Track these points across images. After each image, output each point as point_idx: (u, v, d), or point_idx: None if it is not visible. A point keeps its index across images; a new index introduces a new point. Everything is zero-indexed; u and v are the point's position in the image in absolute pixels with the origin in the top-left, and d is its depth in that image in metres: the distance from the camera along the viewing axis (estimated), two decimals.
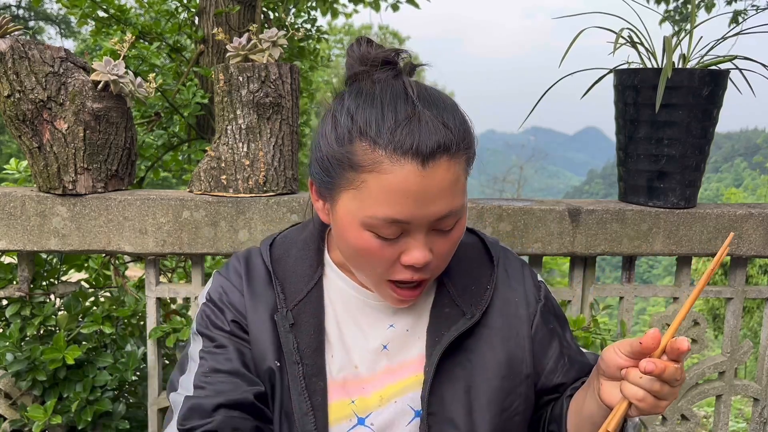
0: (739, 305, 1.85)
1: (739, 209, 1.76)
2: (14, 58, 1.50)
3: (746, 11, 6.17)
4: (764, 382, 1.88)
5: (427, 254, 0.88)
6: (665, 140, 1.68)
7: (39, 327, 1.71)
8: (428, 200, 0.84)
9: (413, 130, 0.83)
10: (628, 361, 0.80)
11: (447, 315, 1.00)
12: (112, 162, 1.65)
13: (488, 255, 1.09)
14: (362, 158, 0.84)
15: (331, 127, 0.89)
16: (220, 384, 0.92)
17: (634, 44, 1.70)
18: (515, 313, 1.03)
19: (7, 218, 1.60)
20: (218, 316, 0.99)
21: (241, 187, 1.65)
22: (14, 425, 1.72)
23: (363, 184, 0.85)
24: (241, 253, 1.09)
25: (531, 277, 1.10)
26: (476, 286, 1.04)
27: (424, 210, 0.85)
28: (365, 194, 0.85)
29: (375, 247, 0.88)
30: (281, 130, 1.66)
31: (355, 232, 0.88)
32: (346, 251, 0.93)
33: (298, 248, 1.06)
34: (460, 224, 0.92)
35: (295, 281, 1.01)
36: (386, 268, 0.90)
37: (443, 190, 0.85)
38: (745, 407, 5.69)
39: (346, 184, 0.87)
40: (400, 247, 0.88)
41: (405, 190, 0.83)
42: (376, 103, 0.86)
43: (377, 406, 0.96)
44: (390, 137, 0.83)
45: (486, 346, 0.99)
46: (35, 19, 21.03)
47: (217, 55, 3.26)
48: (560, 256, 1.80)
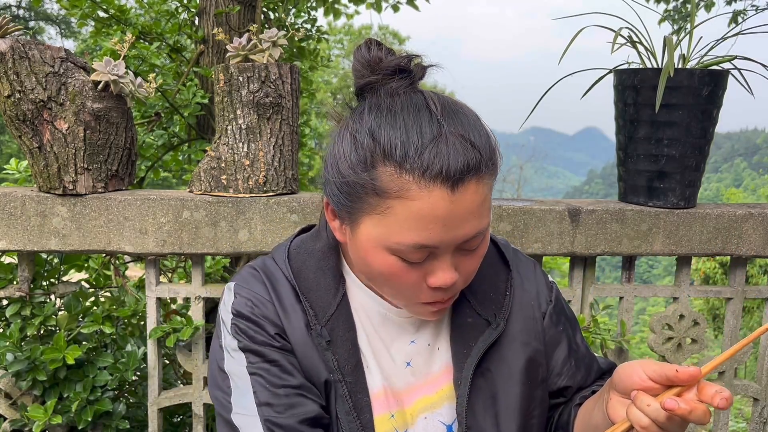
0: (739, 305, 1.85)
1: (739, 209, 1.76)
2: (14, 58, 1.50)
3: (746, 11, 6.17)
4: (764, 382, 1.88)
5: (454, 275, 0.85)
6: (665, 140, 1.68)
7: (39, 327, 1.71)
8: (457, 224, 0.81)
9: (441, 152, 0.78)
10: (646, 383, 0.77)
11: (470, 326, 0.98)
12: (113, 162, 1.65)
13: (501, 258, 1.06)
14: (388, 184, 0.80)
15: (350, 148, 0.83)
16: (286, 398, 0.89)
17: (634, 44, 1.70)
18: (531, 316, 1.02)
19: (8, 218, 1.60)
20: (257, 330, 0.93)
21: (241, 187, 1.65)
22: (14, 425, 1.72)
23: (389, 210, 0.81)
24: (257, 264, 1.01)
25: (543, 277, 1.08)
26: (495, 293, 1.01)
27: (452, 234, 0.82)
28: (391, 220, 0.81)
29: (401, 271, 0.85)
30: (281, 130, 1.66)
31: (379, 258, 0.85)
32: (370, 274, 0.90)
33: (317, 259, 0.99)
34: (485, 241, 0.89)
35: (321, 295, 0.96)
36: (413, 291, 0.88)
37: (472, 213, 0.82)
38: (745, 407, 5.70)
39: (369, 209, 0.83)
40: (426, 269, 0.85)
41: (434, 216, 0.80)
42: (398, 123, 0.81)
43: (410, 422, 0.95)
44: (417, 161, 0.78)
45: (508, 353, 0.98)
46: (35, 19, 21.03)
47: (217, 55, 3.26)
48: (560, 256, 1.80)
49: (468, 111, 0.86)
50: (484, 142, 0.83)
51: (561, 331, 1.04)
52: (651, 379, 0.77)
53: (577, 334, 1.07)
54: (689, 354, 1.86)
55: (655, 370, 0.77)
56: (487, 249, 0.91)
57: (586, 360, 1.05)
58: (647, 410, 0.74)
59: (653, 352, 1.85)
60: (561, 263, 6.03)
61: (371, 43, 0.88)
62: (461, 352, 0.95)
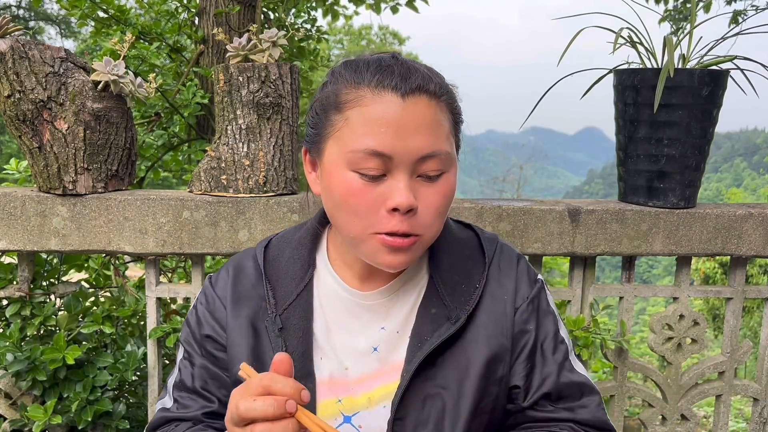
0: (739, 305, 1.85)
1: (739, 209, 1.76)
2: (14, 58, 1.50)
3: (746, 11, 6.17)
4: (764, 382, 1.88)
5: (411, 197, 0.87)
6: (665, 140, 1.68)
7: (39, 327, 1.71)
8: (408, 132, 0.86)
9: (396, 71, 0.89)
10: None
11: (433, 317, 0.98)
12: (112, 162, 1.65)
13: (481, 250, 1.06)
14: (346, 96, 0.90)
15: (320, 87, 0.96)
16: (183, 400, 1.03)
17: (634, 44, 1.71)
18: (503, 311, 1.00)
19: (7, 218, 1.60)
20: (195, 329, 1.05)
21: (241, 187, 1.65)
22: (14, 425, 1.72)
23: (346, 122, 0.89)
24: (236, 257, 1.10)
25: (526, 273, 1.06)
26: (466, 285, 1.01)
27: (404, 142, 0.86)
28: (348, 131, 0.89)
29: (358, 189, 0.88)
30: (281, 130, 1.66)
31: (339, 176, 0.90)
32: (333, 207, 0.93)
33: (292, 248, 1.06)
34: (447, 179, 0.92)
35: (286, 283, 1.02)
36: (371, 216, 0.89)
37: (424, 126, 0.88)
38: (745, 407, 5.70)
39: (332, 130, 0.91)
40: (384, 193, 0.88)
41: (386, 120, 0.86)
42: (362, 59, 0.93)
43: (365, 406, 0.96)
44: (372, 76, 0.89)
45: (469, 345, 0.97)
46: (35, 19, 21.03)
47: (217, 55, 3.26)
48: (560, 256, 1.80)
49: (435, 69, 0.97)
50: (439, 79, 0.92)
51: (530, 329, 1.00)
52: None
53: (549, 339, 1.01)
54: (689, 354, 1.86)
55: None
56: (451, 192, 0.94)
57: (547, 368, 0.99)
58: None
59: (653, 352, 1.85)
60: (561, 263, 6.03)
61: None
62: (416, 345, 0.96)
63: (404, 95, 0.87)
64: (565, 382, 0.99)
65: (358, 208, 0.89)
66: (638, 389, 1.86)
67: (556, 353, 1.01)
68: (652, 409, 1.86)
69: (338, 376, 0.97)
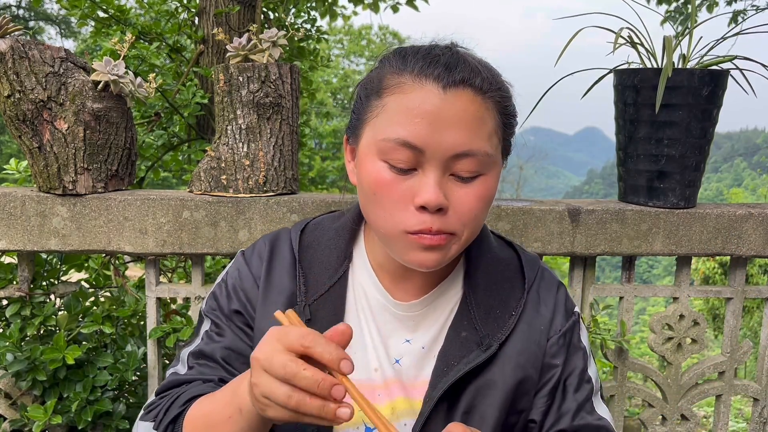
0: (738, 305, 1.85)
1: (739, 209, 1.76)
2: (14, 58, 1.50)
3: (746, 11, 6.17)
4: (764, 382, 1.88)
5: (440, 196, 0.82)
6: (665, 140, 1.68)
7: (39, 327, 1.71)
8: (445, 126, 0.81)
9: (442, 59, 0.84)
10: None
11: (463, 341, 0.93)
12: (112, 162, 1.65)
13: (522, 275, 1.00)
14: (388, 81, 0.85)
15: (371, 71, 0.92)
16: (201, 367, 0.98)
17: (634, 44, 1.70)
18: (537, 341, 0.95)
19: (7, 218, 1.60)
20: (224, 302, 1.01)
21: (241, 187, 1.65)
22: (14, 425, 1.72)
23: (384, 108, 0.85)
24: (270, 235, 1.06)
25: (564, 304, 1.01)
26: (501, 310, 0.95)
27: (438, 136, 0.81)
28: (384, 117, 0.84)
29: (387, 180, 0.83)
30: (281, 130, 1.66)
31: (369, 165, 0.85)
32: (365, 199, 0.89)
33: (329, 237, 1.01)
34: (485, 182, 0.86)
35: (319, 273, 0.98)
36: (400, 211, 0.84)
37: (463, 121, 0.82)
38: (745, 407, 5.70)
39: (370, 116, 0.87)
40: (413, 188, 0.83)
41: (422, 111, 0.81)
42: (413, 46, 0.89)
43: (388, 417, 0.91)
44: (416, 63, 0.84)
45: (498, 372, 0.93)
46: (35, 19, 21.03)
47: (217, 55, 3.26)
48: (560, 256, 1.80)
49: (490, 65, 0.91)
50: (492, 74, 0.87)
51: (557, 364, 0.96)
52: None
53: (574, 376, 0.97)
54: (689, 354, 1.86)
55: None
56: (489, 196, 0.87)
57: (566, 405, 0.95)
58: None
59: (653, 352, 1.85)
60: (561, 263, 6.03)
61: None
62: (441, 369, 0.92)
63: (446, 87, 0.81)
64: (581, 424, 0.94)
65: (384, 202, 0.85)
66: (638, 389, 1.86)
67: (578, 392, 0.96)
68: (652, 409, 1.86)
69: (364, 379, 0.93)
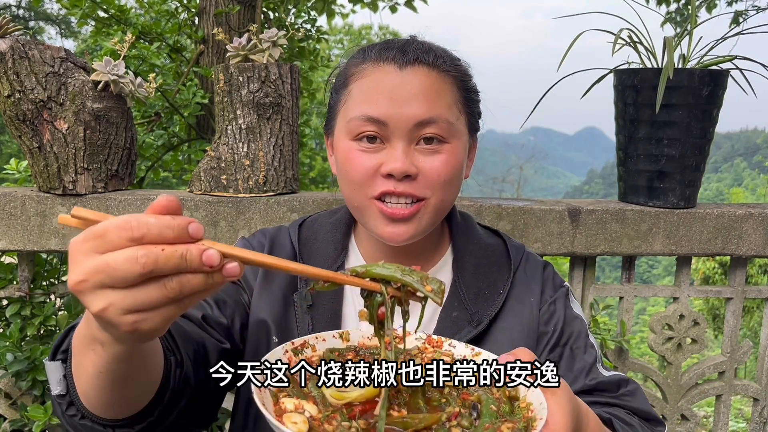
0: (739, 305, 1.85)
1: (739, 209, 1.76)
2: (14, 58, 1.50)
3: (747, 12, 6.16)
4: (764, 382, 1.88)
5: (406, 163, 0.89)
6: (665, 140, 1.68)
7: (39, 327, 1.70)
8: (404, 99, 0.89)
9: (400, 45, 0.93)
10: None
11: (454, 320, 0.97)
12: (112, 162, 1.65)
13: (509, 259, 1.06)
14: (351, 69, 0.94)
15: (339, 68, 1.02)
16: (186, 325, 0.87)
17: (634, 44, 1.70)
18: (529, 314, 1.00)
19: (7, 218, 1.60)
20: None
21: (241, 187, 1.65)
22: (14, 425, 1.72)
23: (349, 95, 0.93)
24: (269, 229, 1.10)
25: (552, 278, 1.06)
26: (490, 291, 1.01)
27: (399, 109, 0.88)
28: (350, 103, 0.93)
29: (356, 156, 0.91)
30: (281, 130, 1.66)
31: (342, 146, 0.94)
32: (341, 181, 0.96)
33: (326, 231, 1.07)
34: (452, 150, 0.92)
35: (318, 264, 0.99)
36: (368, 179, 0.91)
37: (421, 93, 0.89)
38: (745, 407, 5.69)
39: (340, 106, 0.95)
40: (381, 160, 0.91)
41: (381, 88, 0.89)
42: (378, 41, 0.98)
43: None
44: (374, 51, 0.94)
45: (491, 347, 0.94)
46: (35, 19, 21.03)
47: (217, 55, 3.26)
48: (560, 256, 1.80)
49: (446, 49, 1.00)
50: (448, 55, 0.96)
51: (548, 330, 1.00)
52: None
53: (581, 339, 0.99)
54: (689, 354, 1.85)
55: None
56: (456, 162, 0.94)
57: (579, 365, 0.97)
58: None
59: (653, 352, 1.85)
60: (561, 263, 6.03)
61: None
62: None
63: (402, 65, 0.91)
64: (600, 380, 0.97)
65: (354, 175, 0.92)
66: None
67: (586, 354, 0.99)
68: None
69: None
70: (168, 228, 0.53)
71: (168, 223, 0.53)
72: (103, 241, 0.53)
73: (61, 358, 0.76)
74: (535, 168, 52.80)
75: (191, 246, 0.54)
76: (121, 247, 0.53)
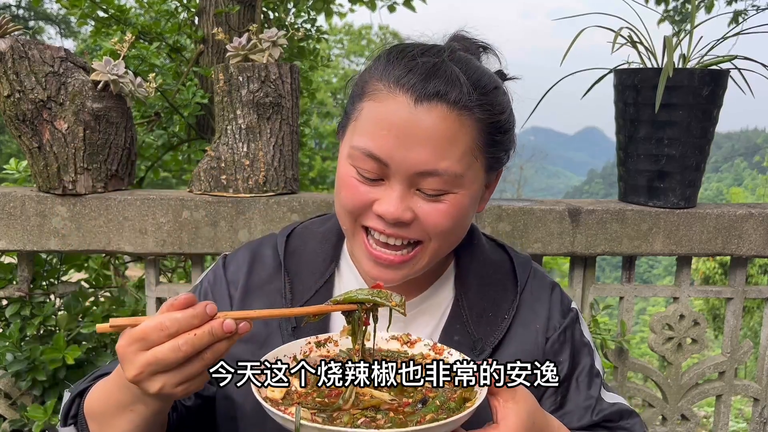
0: (739, 305, 1.85)
1: (739, 209, 1.76)
2: (14, 58, 1.50)
3: (746, 11, 6.16)
4: (764, 382, 1.88)
5: (400, 209, 0.81)
6: (665, 140, 1.68)
7: (39, 327, 1.70)
8: (410, 142, 0.79)
9: (423, 69, 0.80)
10: None
11: (456, 345, 0.91)
12: (112, 162, 1.65)
13: (513, 275, 0.99)
14: (368, 85, 0.84)
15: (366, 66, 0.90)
16: None
17: (634, 44, 1.70)
18: (534, 341, 0.94)
19: (7, 218, 1.60)
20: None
21: (241, 187, 1.65)
22: (14, 425, 1.72)
23: (361, 112, 0.84)
24: (255, 242, 1.05)
25: (560, 301, 1.00)
26: (494, 312, 0.95)
27: (403, 152, 0.79)
28: (359, 123, 0.84)
29: (353, 184, 0.84)
30: (281, 130, 1.66)
31: (342, 165, 0.87)
32: (335, 197, 0.90)
33: (317, 241, 1.01)
34: (454, 200, 0.83)
35: (305, 277, 0.97)
36: (359, 208, 0.85)
37: (431, 139, 0.79)
38: (745, 407, 5.69)
39: (352, 117, 0.86)
40: (376, 195, 0.83)
41: (389, 123, 0.79)
42: (408, 48, 0.85)
43: None
44: (395, 71, 0.81)
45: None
46: (35, 19, 21.02)
47: (217, 55, 3.26)
48: (560, 256, 1.80)
49: (490, 75, 0.87)
50: (481, 86, 0.82)
51: (560, 362, 0.95)
52: None
53: (585, 374, 0.96)
54: (689, 354, 1.85)
55: None
56: (460, 214, 0.85)
57: (579, 401, 0.94)
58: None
59: (653, 352, 1.84)
60: (561, 263, 6.03)
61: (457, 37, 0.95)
62: None
63: (418, 100, 0.79)
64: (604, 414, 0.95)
65: (347, 203, 0.86)
66: (638, 389, 1.86)
67: (591, 387, 0.96)
68: (653, 409, 1.86)
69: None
70: (194, 317, 0.70)
71: (192, 314, 0.70)
72: (146, 342, 0.69)
73: (72, 422, 0.91)
74: (535, 168, 52.77)
75: (214, 323, 0.70)
76: (161, 343, 0.69)
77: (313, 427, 0.65)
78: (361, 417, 0.71)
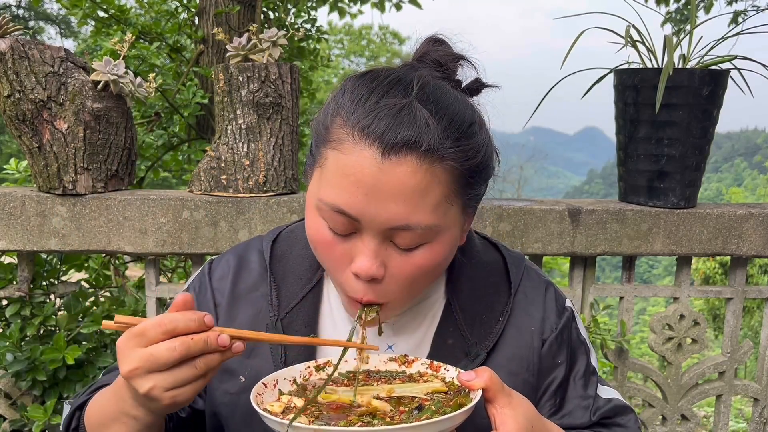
0: (739, 305, 1.85)
1: (739, 209, 1.76)
2: (14, 58, 1.50)
3: (746, 11, 6.16)
4: (764, 382, 1.88)
5: (374, 266, 0.77)
6: (665, 140, 1.68)
7: (39, 327, 1.71)
8: (381, 199, 0.74)
9: (389, 115, 0.74)
10: None
11: (450, 348, 0.90)
12: (112, 162, 1.65)
13: (507, 276, 0.97)
14: (332, 132, 0.77)
15: (330, 99, 0.83)
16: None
17: (635, 44, 1.70)
18: (529, 344, 0.92)
19: (7, 218, 1.60)
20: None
21: (241, 187, 1.65)
22: (14, 425, 1.72)
23: (326, 161, 0.78)
24: (240, 247, 1.02)
25: (555, 300, 0.97)
26: (488, 315, 0.92)
27: (373, 209, 0.74)
28: (325, 173, 0.78)
29: (327, 240, 0.79)
30: (281, 130, 1.66)
31: (312, 219, 0.81)
32: (309, 241, 0.85)
33: (301, 246, 0.97)
34: (429, 251, 0.79)
35: (292, 283, 0.95)
36: (339, 272, 0.81)
37: (401, 195, 0.74)
38: (745, 407, 5.69)
39: (318, 161, 0.81)
40: (351, 251, 0.79)
41: (357, 179, 0.74)
42: (374, 85, 0.78)
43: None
44: (362, 116, 0.75)
45: None
46: (35, 19, 21.02)
47: (217, 55, 3.26)
48: (560, 256, 1.80)
49: (464, 109, 0.80)
50: (453, 131, 0.76)
51: (558, 363, 0.94)
52: None
53: (581, 374, 0.95)
54: (689, 354, 1.85)
55: None
56: (436, 264, 0.81)
57: (577, 401, 0.94)
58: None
59: (653, 352, 1.85)
60: (561, 263, 6.02)
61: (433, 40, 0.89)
62: None
63: (385, 153, 0.73)
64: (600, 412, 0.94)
65: (324, 259, 0.83)
66: (638, 389, 1.86)
67: (588, 387, 0.95)
68: (653, 409, 1.86)
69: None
70: (191, 321, 0.72)
71: (191, 317, 0.72)
72: (144, 338, 0.71)
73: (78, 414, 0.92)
74: (535, 168, 52.77)
75: (210, 333, 0.72)
76: (159, 341, 0.70)
77: (306, 428, 0.66)
78: (357, 422, 0.72)
